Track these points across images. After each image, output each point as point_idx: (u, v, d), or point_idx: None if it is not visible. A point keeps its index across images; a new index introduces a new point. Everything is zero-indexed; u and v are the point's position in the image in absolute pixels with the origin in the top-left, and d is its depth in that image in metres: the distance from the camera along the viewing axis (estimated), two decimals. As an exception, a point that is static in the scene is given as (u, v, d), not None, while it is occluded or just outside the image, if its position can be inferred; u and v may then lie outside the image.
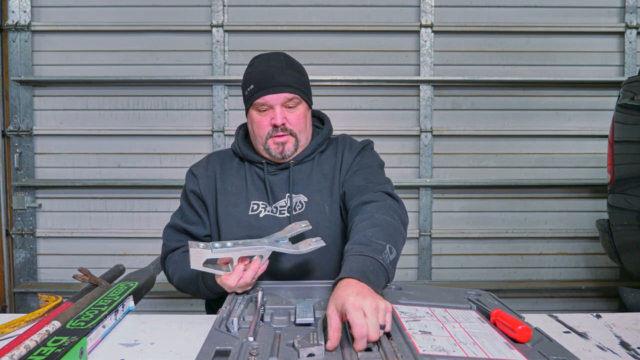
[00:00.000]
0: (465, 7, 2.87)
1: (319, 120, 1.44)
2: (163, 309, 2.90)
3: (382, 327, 0.77)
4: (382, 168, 1.34)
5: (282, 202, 1.28)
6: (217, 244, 1.00)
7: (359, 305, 0.77)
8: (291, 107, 1.26)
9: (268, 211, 1.27)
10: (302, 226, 1.11)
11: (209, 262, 1.01)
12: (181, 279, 1.25)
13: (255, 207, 1.28)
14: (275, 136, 1.26)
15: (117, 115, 2.88)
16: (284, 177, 1.30)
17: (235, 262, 1.02)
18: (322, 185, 1.29)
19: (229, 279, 1.01)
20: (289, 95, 1.24)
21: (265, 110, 1.26)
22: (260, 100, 1.24)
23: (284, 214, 1.26)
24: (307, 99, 1.32)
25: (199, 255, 0.99)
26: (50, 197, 2.90)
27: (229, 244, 1.01)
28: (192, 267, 1.00)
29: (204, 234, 1.33)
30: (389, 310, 0.80)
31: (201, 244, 1.00)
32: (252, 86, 1.26)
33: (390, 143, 2.87)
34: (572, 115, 2.91)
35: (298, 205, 1.27)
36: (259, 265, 1.03)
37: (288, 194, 1.27)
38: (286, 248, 1.04)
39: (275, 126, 1.25)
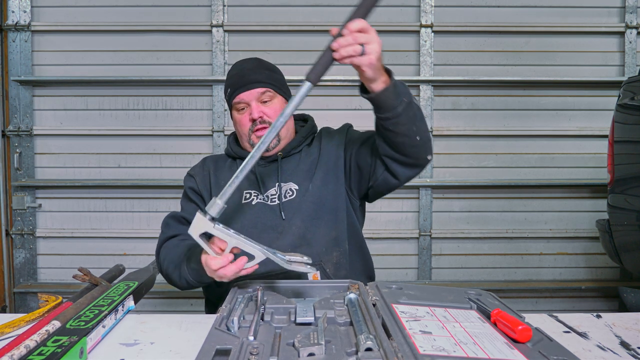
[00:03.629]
0: (465, 7, 2.87)
1: (303, 121, 1.52)
2: (163, 309, 2.90)
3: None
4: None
5: (272, 191, 1.34)
6: (221, 225, 1.01)
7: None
8: (266, 102, 1.34)
9: (260, 199, 1.34)
10: (305, 259, 1.06)
11: (205, 238, 1.01)
12: (170, 262, 1.25)
13: (248, 195, 1.35)
14: (256, 130, 1.33)
15: (117, 115, 2.88)
16: (273, 169, 1.37)
17: (228, 250, 1.02)
18: (313, 171, 1.35)
19: (213, 261, 1.01)
20: (261, 90, 1.33)
21: (243, 108, 1.35)
22: (236, 100, 1.34)
23: (274, 201, 1.32)
24: (283, 94, 1.39)
25: (200, 223, 1.00)
26: (50, 197, 2.90)
27: (231, 231, 1.02)
28: (189, 232, 1.01)
29: None
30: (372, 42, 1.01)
31: (209, 216, 1.00)
32: (229, 89, 1.37)
33: (390, 143, 2.86)
34: (572, 115, 2.91)
35: (289, 193, 1.33)
36: (244, 264, 1.02)
37: (277, 183, 1.34)
38: (278, 260, 1.02)
39: (254, 120, 1.32)
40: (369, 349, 0.74)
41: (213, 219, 1.01)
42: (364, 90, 1.14)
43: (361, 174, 1.34)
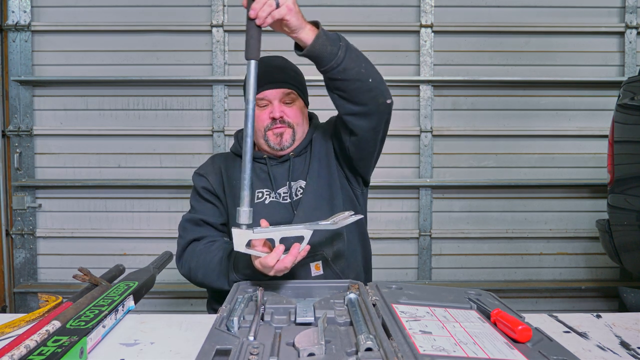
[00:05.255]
0: (465, 7, 2.87)
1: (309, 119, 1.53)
2: (163, 309, 2.90)
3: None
4: None
5: (284, 189, 1.36)
6: (258, 227, 1.05)
7: None
8: (288, 103, 1.35)
9: (272, 197, 1.35)
10: (346, 214, 1.11)
11: (248, 246, 1.06)
12: (207, 271, 1.27)
13: (260, 195, 1.36)
14: (274, 128, 1.34)
15: (117, 115, 2.88)
16: (285, 168, 1.38)
17: (276, 243, 1.05)
18: (319, 166, 1.37)
19: (268, 258, 1.04)
20: (286, 90, 1.33)
21: (265, 105, 1.35)
22: (260, 95, 1.32)
23: (286, 200, 1.35)
24: (304, 97, 1.41)
25: (241, 237, 1.03)
26: (50, 197, 2.90)
27: (270, 227, 1.06)
28: (235, 249, 1.05)
29: (221, 222, 1.39)
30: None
31: (243, 227, 1.04)
32: None
33: (390, 143, 2.80)
34: (572, 115, 2.91)
35: (299, 190, 1.35)
36: (299, 251, 1.06)
37: (288, 182, 1.36)
38: (324, 225, 1.07)
39: (273, 119, 1.33)
40: (369, 349, 0.74)
41: (249, 227, 1.04)
42: (299, 49, 1.15)
43: (343, 154, 1.36)
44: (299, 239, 1.07)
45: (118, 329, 0.99)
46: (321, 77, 1.16)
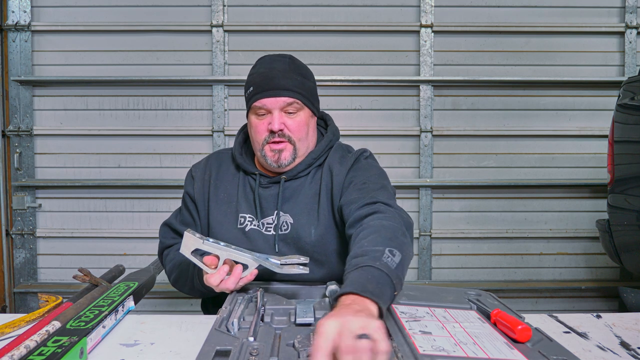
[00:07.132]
0: (465, 7, 2.87)
1: (323, 122, 1.40)
2: (163, 309, 2.90)
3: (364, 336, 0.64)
4: (377, 176, 1.24)
5: (269, 219, 1.24)
6: (211, 240, 1.03)
7: (324, 327, 0.67)
8: (291, 113, 1.21)
9: (254, 225, 1.24)
10: (301, 259, 1.03)
11: (198, 254, 1.04)
12: (178, 277, 1.26)
13: (243, 219, 1.25)
14: (272, 142, 1.20)
15: (117, 115, 2.88)
16: (274, 192, 1.25)
17: (221, 263, 1.03)
18: (311, 206, 1.23)
19: (212, 278, 1.02)
20: (288, 100, 1.18)
21: (264, 114, 1.21)
22: (257, 104, 1.20)
23: (269, 231, 1.23)
24: (311, 105, 1.25)
25: (190, 241, 1.03)
26: (50, 197, 2.90)
27: (222, 243, 1.03)
28: (180, 251, 1.04)
29: None
30: (366, 328, 0.66)
31: (197, 234, 1.03)
32: (251, 88, 1.21)
33: (390, 143, 2.87)
34: (572, 115, 2.91)
35: (284, 226, 1.23)
36: (241, 272, 1.02)
37: (276, 211, 1.23)
38: (270, 265, 1.02)
39: (272, 132, 1.19)
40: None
41: (202, 236, 1.03)
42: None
43: (341, 220, 1.19)
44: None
45: (118, 330, 0.99)
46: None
